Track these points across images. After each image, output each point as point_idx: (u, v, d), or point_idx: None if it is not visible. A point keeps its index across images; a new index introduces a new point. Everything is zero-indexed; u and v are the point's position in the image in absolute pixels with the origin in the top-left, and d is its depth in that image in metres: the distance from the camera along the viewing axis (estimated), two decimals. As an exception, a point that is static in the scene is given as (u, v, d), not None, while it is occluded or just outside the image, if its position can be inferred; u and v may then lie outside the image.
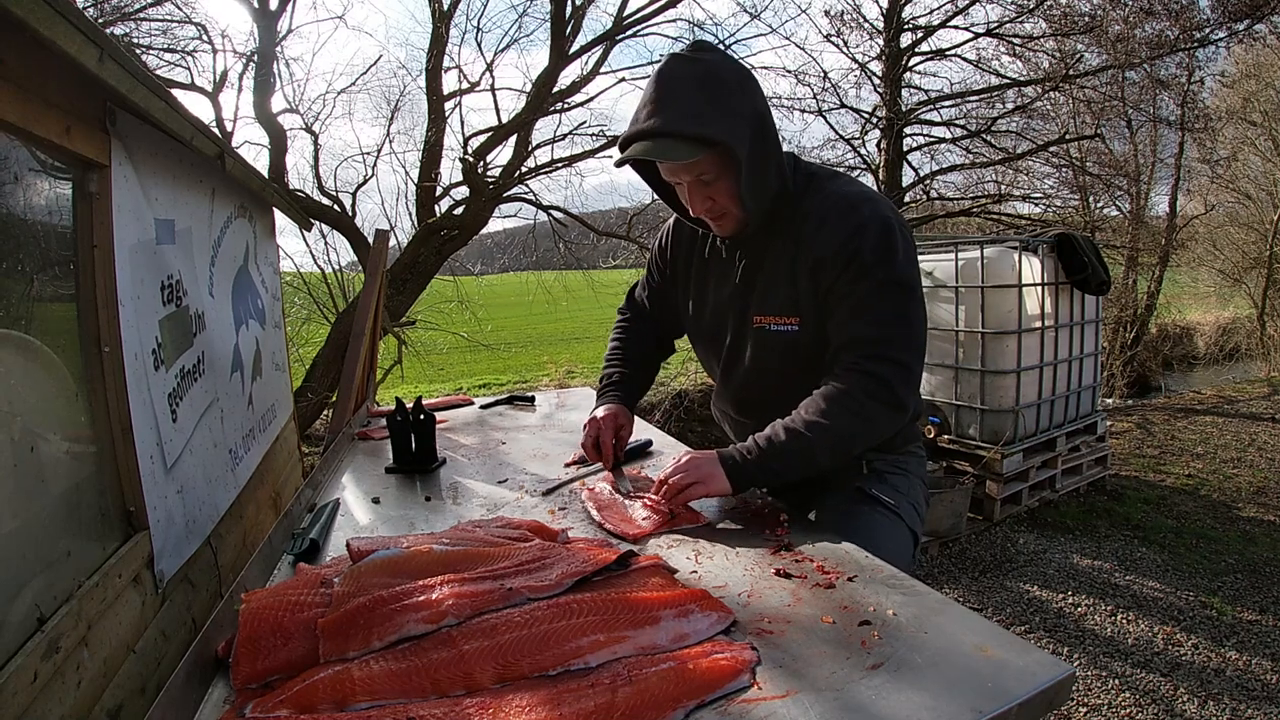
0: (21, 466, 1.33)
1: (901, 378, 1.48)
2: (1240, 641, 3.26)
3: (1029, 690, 0.89)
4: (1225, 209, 13.62)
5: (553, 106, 8.46)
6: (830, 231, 1.52)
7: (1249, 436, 6.52)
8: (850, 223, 1.51)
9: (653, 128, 1.44)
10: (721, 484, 1.52)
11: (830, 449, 1.49)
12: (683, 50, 1.52)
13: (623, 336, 2.07)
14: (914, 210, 10.42)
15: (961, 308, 4.90)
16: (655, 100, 1.45)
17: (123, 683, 1.56)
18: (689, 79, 1.45)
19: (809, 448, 1.47)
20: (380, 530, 1.60)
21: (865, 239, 1.49)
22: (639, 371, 2.03)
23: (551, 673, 0.95)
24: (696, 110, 1.43)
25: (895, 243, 1.50)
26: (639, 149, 1.46)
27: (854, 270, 1.50)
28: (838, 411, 1.47)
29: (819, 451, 1.48)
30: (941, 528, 4.44)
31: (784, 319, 1.62)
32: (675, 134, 1.43)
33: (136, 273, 1.82)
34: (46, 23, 1.22)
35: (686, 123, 1.42)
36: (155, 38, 7.67)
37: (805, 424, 1.48)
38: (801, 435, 1.48)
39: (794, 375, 1.61)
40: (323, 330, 8.40)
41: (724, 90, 1.45)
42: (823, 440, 1.47)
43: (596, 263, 11.28)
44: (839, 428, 1.47)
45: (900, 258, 1.50)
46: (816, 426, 1.47)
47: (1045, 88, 9.43)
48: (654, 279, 1.99)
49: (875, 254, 1.49)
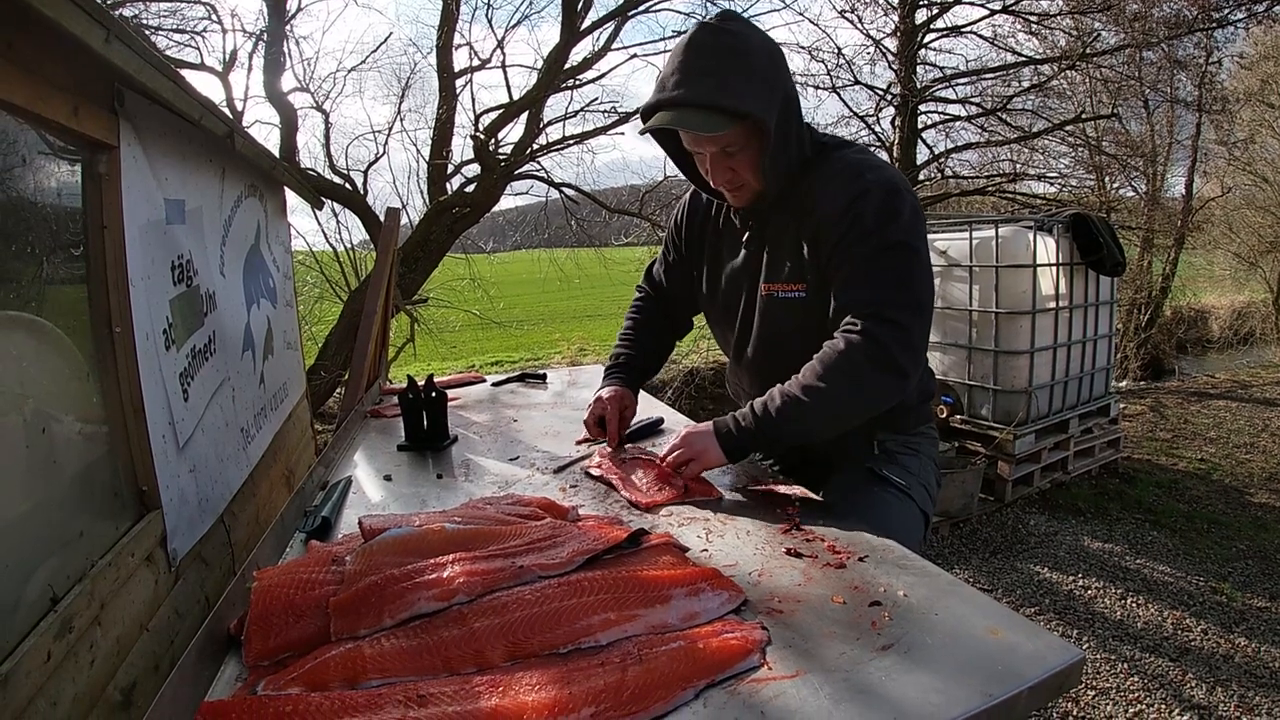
0: (34, 448, 1.34)
1: (899, 340, 1.42)
2: (1250, 628, 3.25)
3: (1039, 674, 0.89)
4: (1242, 192, 13.41)
5: (564, 83, 8.39)
6: (833, 196, 1.50)
7: (1262, 422, 6.47)
8: (853, 188, 1.48)
9: (681, 97, 1.42)
10: (716, 456, 1.53)
11: (826, 415, 1.46)
12: (711, 19, 1.49)
13: (636, 317, 2.07)
14: (928, 188, 10.31)
15: (975, 287, 4.86)
16: (684, 69, 1.43)
17: (136, 661, 1.58)
18: (719, 49, 1.43)
19: (805, 414, 1.45)
20: (392, 508, 1.60)
21: (867, 202, 1.47)
22: (648, 353, 2.04)
23: (562, 650, 0.95)
24: (726, 82, 1.41)
25: (898, 206, 1.47)
26: (666, 118, 1.45)
27: (855, 233, 1.47)
28: (833, 376, 1.43)
29: (814, 417, 1.46)
30: (953, 508, 4.43)
31: (790, 285, 1.61)
32: (705, 105, 1.42)
33: (147, 253, 1.82)
34: (52, 4, 1.22)
35: (717, 94, 1.41)
36: (164, 18, 7.64)
37: (801, 388, 1.46)
38: (797, 400, 1.45)
39: (804, 343, 1.57)
40: (335, 308, 8.43)
41: (754, 63, 1.44)
42: (819, 405, 1.44)
43: (609, 240, 11.26)
44: (833, 393, 1.43)
45: (903, 221, 1.47)
46: (811, 390, 1.44)
47: (1061, 66, 9.28)
48: (670, 255, 1.99)
49: (877, 217, 1.46)
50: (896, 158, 9.58)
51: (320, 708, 0.84)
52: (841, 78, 9.71)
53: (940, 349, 5.14)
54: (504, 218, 13.89)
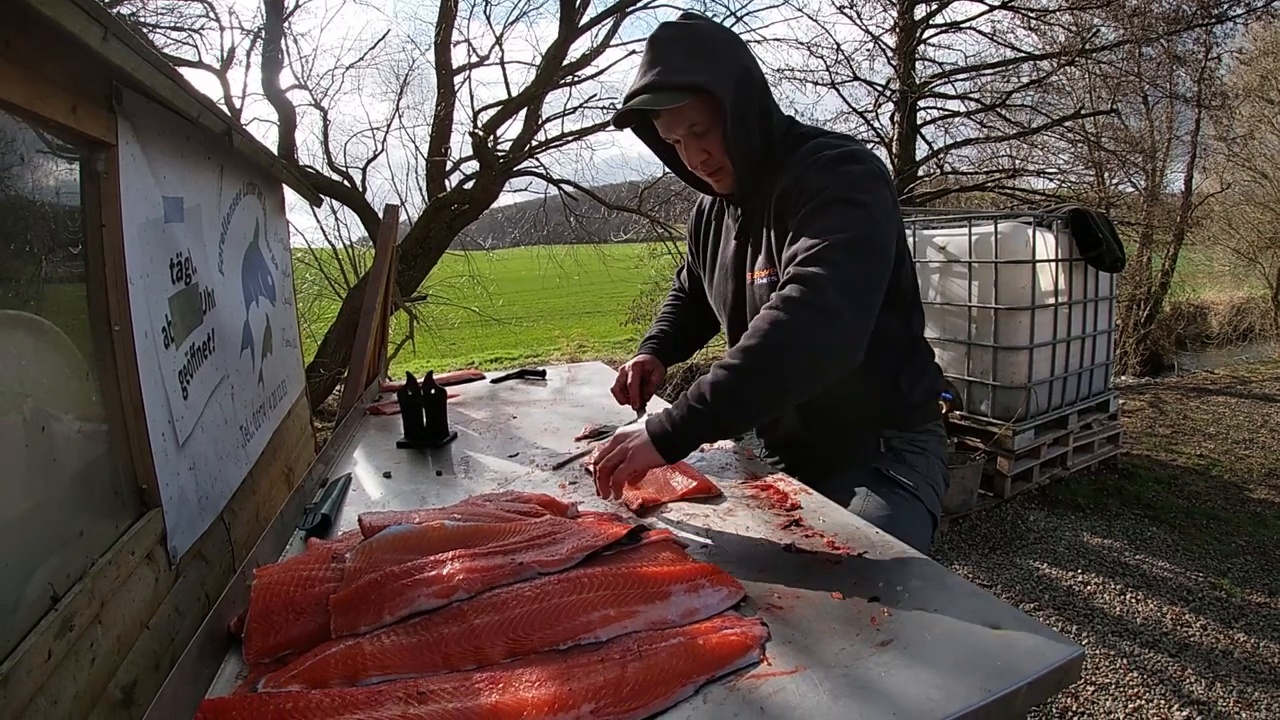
0: (34, 447, 1.34)
1: (833, 278, 1.29)
2: (1249, 624, 3.25)
3: (1039, 669, 0.89)
4: (1241, 188, 13.39)
5: (563, 79, 8.40)
6: (791, 169, 1.51)
7: (1261, 417, 6.47)
8: (809, 160, 1.48)
9: (642, 87, 1.49)
10: (648, 458, 1.35)
11: (762, 377, 1.28)
12: (674, 19, 1.58)
13: (674, 303, 2.14)
14: (927, 184, 10.31)
15: (974, 283, 4.86)
16: (646, 64, 1.51)
17: (136, 659, 1.58)
18: (678, 40, 1.51)
19: (739, 382, 1.29)
20: (392, 505, 1.61)
21: (816, 167, 1.46)
22: (680, 332, 2.08)
23: (562, 647, 0.96)
24: (681, 64, 1.47)
25: (850, 168, 1.43)
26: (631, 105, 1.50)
27: (804, 197, 1.44)
28: (764, 327, 1.29)
29: (750, 384, 1.29)
30: (952, 504, 4.44)
31: (765, 271, 1.61)
32: (659, 87, 1.47)
33: (145, 251, 1.82)
34: (50, 3, 1.22)
35: (674, 75, 1.47)
36: (162, 16, 7.64)
37: (732, 354, 1.32)
38: (729, 369, 1.30)
39: None
40: (334, 306, 8.43)
41: (709, 45, 1.51)
42: (750, 367, 1.28)
43: (608, 236, 11.26)
44: (763, 347, 1.28)
45: (853, 179, 1.41)
46: (741, 352, 1.29)
47: (1061, 62, 9.28)
48: (688, 259, 2.06)
49: (824, 177, 1.43)
50: (895, 153, 9.59)
51: (321, 705, 0.84)
52: (840, 73, 9.73)
53: (940, 344, 5.13)
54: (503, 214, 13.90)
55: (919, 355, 1.69)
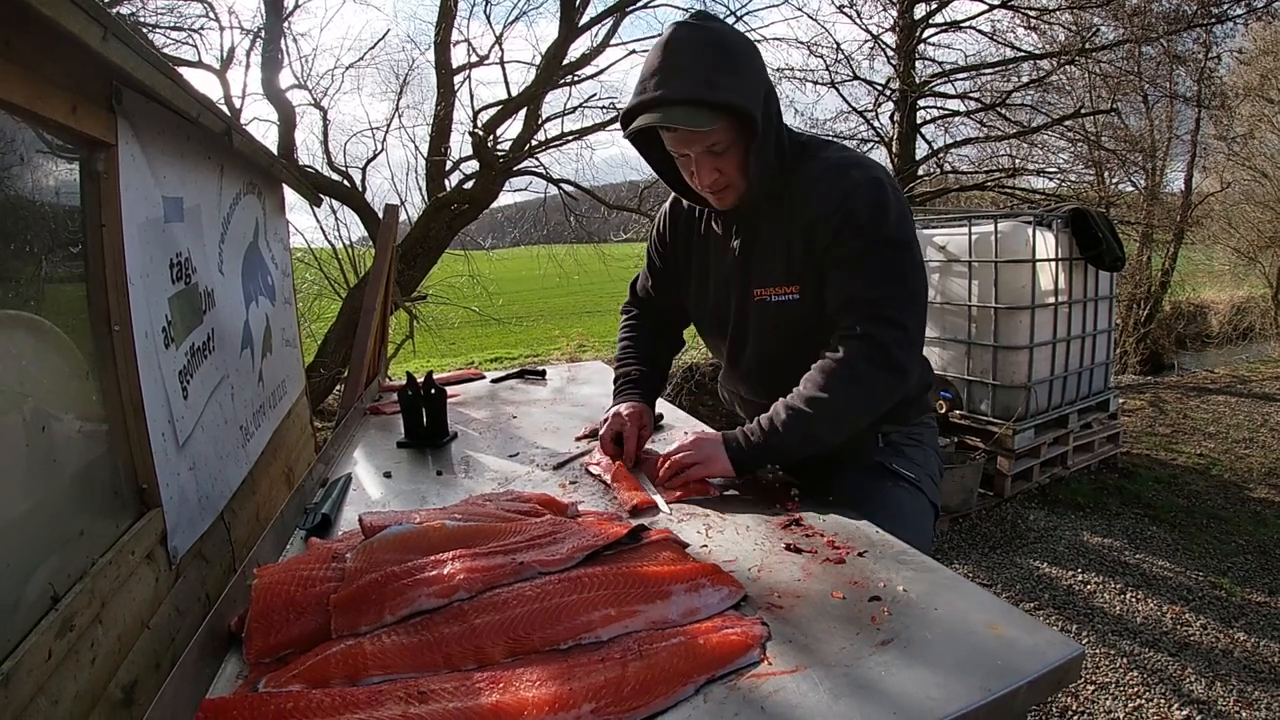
0: (34, 447, 1.34)
1: (899, 339, 1.43)
2: (1249, 623, 3.25)
3: (1039, 669, 0.89)
4: (1241, 187, 13.39)
5: (563, 79, 8.39)
6: (822, 195, 1.49)
7: (1261, 417, 6.47)
8: (842, 185, 1.48)
9: (664, 96, 1.39)
10: (724, 466, 1.53)
11: (833, 423, 1.46)
12: (687, 19, 1.47)
13: (633, 335, 2.02)
14: (927, 184, 10.30)
15: (975, 282, 4.86)
16: (664, 68, 1.40)
17: (137, 659, 1.58)
18: (699, 45, 1.41)
19: (811, 425, 1.46)
20: (392, 505, 1.60)
21: (858, 200, 1.46)
22: (654, 369, 1.99)
23: (562, 646, 0.96)
24: (711, 77, 1.38)
25: (888, 202, 1.47)
26: (651, 118, 1.41)
27: (848, 231, 1.46)
28: (837, 384, 1.44)
29: (822, 427, 1.46)
30: (952, 503, 4.44)
31: (783, 289, 1.59)
32: (691, 101, 1.39)
33: (145, 251, 1.82)
34: (50, 3, 1.21)
35: (702, 89, 1.38)
36: (162, 16, 7.64)
37: (805, 400, 1.46)
38: (802, 413, 1.46)
39: (801, 347, 1.57)
40: (334, 306, 8.42)
41: (735, 57, 1.42)
42: (824, 415, 1.45)
43: (607, 236, 11.26)
44: (839, 400, 1.44)
45: (893, 217, 1.46)
46: (816, 402, 1.45)
47: (1061, 61, 9.27)
48: (655, 265, 1.94)
49: (869, 214, 1.45)
50: (895, 153, 9.58)
51: (321, 704, 0.84)
52: (840, 73, 9.71)
53: (939, 344, 5.14)
54: (503, 214, 13.91)
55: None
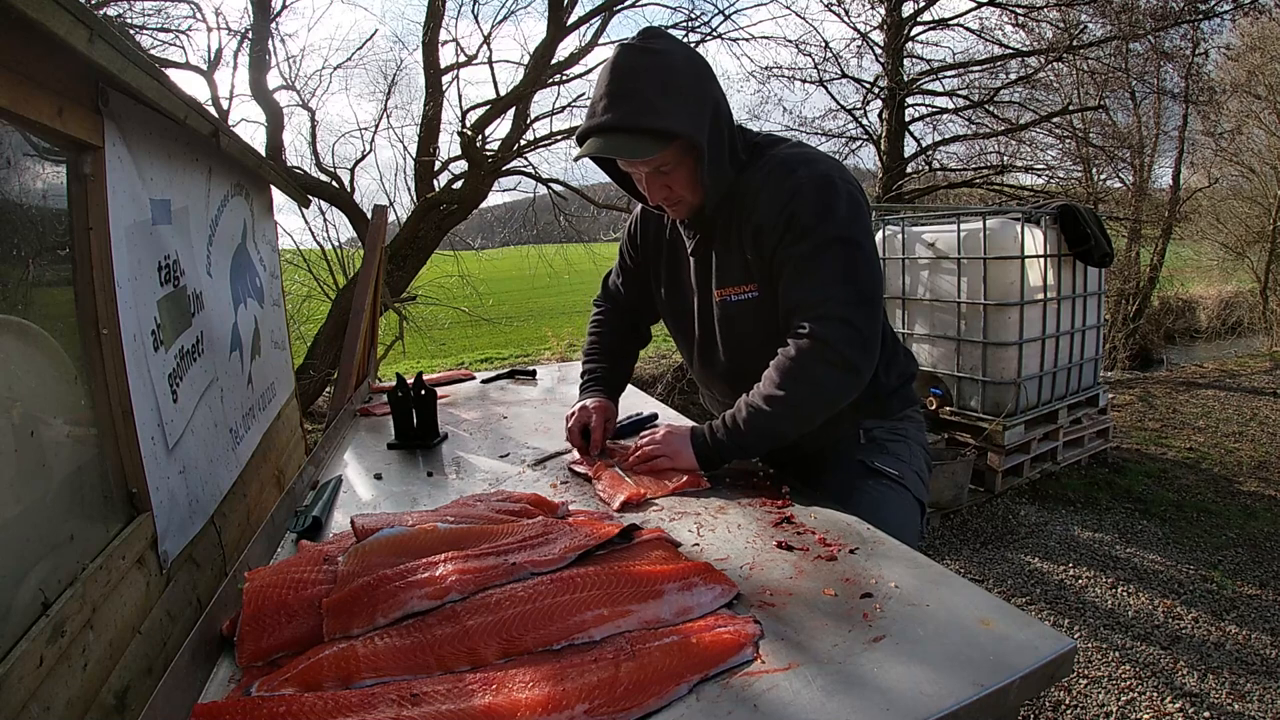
0: (22, 451, 1.32)
1: (846, 336, 1.45)
2: (1240, 616, 3.28)
3: (1031, 664, 0.89)
4: (1229, 182, 13.51)
5: (551, 79, 8.39)
6: (767, 200, 1.52)
7: (1250, 410, 6.52)
8: (785, 186, 1.50)
9: (610, 122, 1.44)
10: (689, 460, 1.60)
11: (792, 420, 1.52)
12: (633, 40, 1.50)
13: (600, 331, 2.07)
14: (916, 181, 10.35)
15: (963, 279, 4.88)
16: (610, 94, 1.45)
17: (129, 664, 1.57)
18: (642, 71, 1.44)
19: (770, 421, 1.52)
20: (383, 506, 1.60)
21: (801, 200, 1.48)
22: (619, 366, 2.05)
23: (555, 647, 0.96)
24: (653, 103, 1.42)
25: (833, 200, 1.48)
26: (598, 145, 1.46)
27: (793, 233, 1.49)
28: (789, 383, 1.48)
29: (782, 424, 1.52)
30: (943, 499, 4.46)
31: (741, 288, 1.62)
32: (632, 129, 1.43)
33: (133, 254, 1.80)
34: (35, 4, 1.20)
35: (645, 117, 1.42)
36: (149, 17, 7.59)
37: (764, 398, 1.51)
38: (761, 410, 1.51)
39: (764, 343, 1.59)
40: (323, 307, 8.39)
41: (679, 80, 1.45)
42: (782, 412, 1.50)
43: (597, 235, 11.25)
44: (794, 398, 1.49)
45: (840, 215, 1.47)
46: (773, 400, 1.50)
47: (1049, 58, 9.33)
48: (626, 264, 1.99)
49: (812, 214, 1.47)
50: (884, 150, 9.61)
51: (314, 708, 0.84)
52: (828, 71, 9.76)
53: (929, 341, 5.16)
54: (492, 214, 13.86)
55: (886, 342, 1.69)
